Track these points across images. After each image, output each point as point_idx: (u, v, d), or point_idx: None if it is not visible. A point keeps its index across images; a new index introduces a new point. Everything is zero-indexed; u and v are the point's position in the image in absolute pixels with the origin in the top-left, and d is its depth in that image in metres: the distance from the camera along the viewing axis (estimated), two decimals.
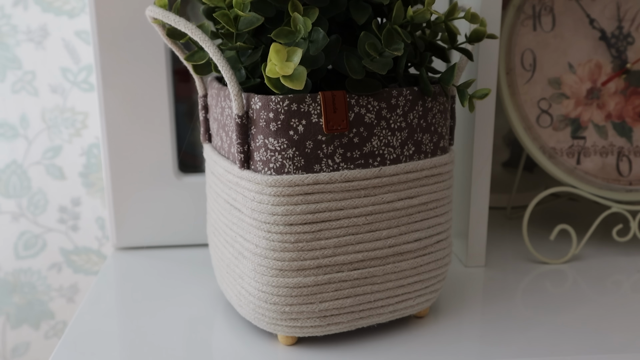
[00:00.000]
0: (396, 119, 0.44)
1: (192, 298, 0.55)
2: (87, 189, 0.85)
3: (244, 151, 0.44)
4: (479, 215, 0.60)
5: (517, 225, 0.73)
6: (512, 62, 0.65)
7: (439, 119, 0.47)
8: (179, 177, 0.65)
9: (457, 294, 0.56)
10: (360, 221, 0.44)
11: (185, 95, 0.69)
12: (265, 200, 0.43)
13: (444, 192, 0.48)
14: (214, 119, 0.50)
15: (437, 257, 0.49)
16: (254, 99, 0.42)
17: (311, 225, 0.43)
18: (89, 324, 0.51)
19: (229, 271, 0.48)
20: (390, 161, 0.45)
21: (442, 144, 0.48)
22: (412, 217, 0.46)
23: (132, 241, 0.66)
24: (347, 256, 0.45)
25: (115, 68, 0.61)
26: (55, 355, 0.47)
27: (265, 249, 0.44)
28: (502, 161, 0.83)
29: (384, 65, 0.42)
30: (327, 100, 0.42)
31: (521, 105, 0.65)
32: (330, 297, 0.45)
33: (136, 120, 0.62)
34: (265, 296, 0.45)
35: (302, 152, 0.42)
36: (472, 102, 0.46)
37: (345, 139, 0.43)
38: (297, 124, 0.42)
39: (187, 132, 0.68)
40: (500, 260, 0.63)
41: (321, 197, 0.43)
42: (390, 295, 0.47)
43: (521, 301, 0.55)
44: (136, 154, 0.63)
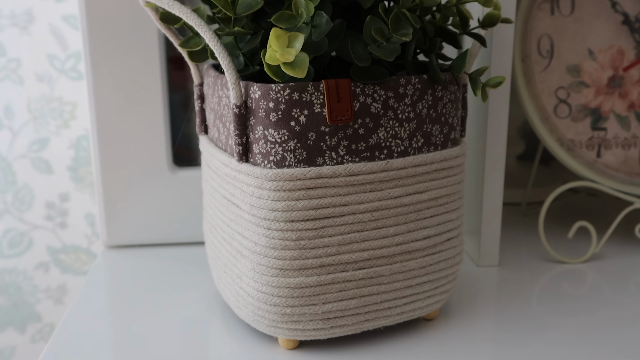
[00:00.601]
0: (404, 109, 0.44)
1: (188, 299, 0.55)
2: (75, 183, 0.85)
3: (242, 143, 0.44)
4: (492, 211, 0.60)
5: (532, 223, 0.73)
6: (528, 49, 0.64)
7: (450, 109, 0.47)
8: (173, 171, 0.65)
9: (469, 295, 0.56)
10: (366, 217, 0.44)
11: (180, 84, 0.69)
12: (265, 195, 0.43)
13: (454, 187, 0.48)
14: (210, 109, 0.50)
15: (447, 256, 0.49)
16: (253, 87, 0.42)
17: (314, 222, 0.43)
18: (77, 327, 0.51)
19: (227, 271, 0.49)
20: (398, 154, 0.45)
21: (453, 135, 0.48)
22: (421, 213, 0.46)
23: (123, 239, 0.66)
24: (352, 255, 0.45)
25: (105, 55, 0.61)
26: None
27: (265, 247, 0.44)
28: (516, 154, 0.83)
29: (391, 51, 0.42)
30: (331, 89, 0.42)
31: (537, 95, 0.65)
32: (333, 298, 0.45)
33: (128, 110, 0.62)
34: (265, 297, 0.45)
35: (304, 144, 0.42)
36: (485, 91, 0.46)
37: (350, 130, 0.43)
38: (299, 115, 0.42)
39: (182, 123, 0.68)
40: (515, 260, 0.63)
41: (324, 192, 0.43)
42: (397, 296, 0.47)
43: (537, 303, 0.55)
44: (128, 146, 0.63)
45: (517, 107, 0.74)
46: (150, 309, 0.54)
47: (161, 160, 0.64)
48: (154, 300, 0.56)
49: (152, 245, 0.67)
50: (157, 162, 0.64)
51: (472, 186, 0.62)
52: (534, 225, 0.71)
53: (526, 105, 0.65)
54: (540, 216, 0.63)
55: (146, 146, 0.63)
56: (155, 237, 0.66)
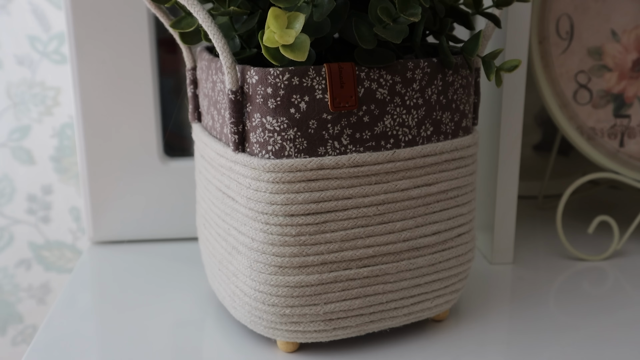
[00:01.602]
0: (412, 94, 0.45)
1: (180, 299, 0.56)
2: (59, 175, 0.85)
3: (238, 132, 0.44)
4: (506, 205, 0.60)
5: (550, 217, 0.73)
6: (545, 30, 0.64)
7: (461, 95, 0.47)
8: (164, 161, 0.65)
9: (481, 295, 0.56)
10: (371, 211, 0.45)
11: (171, 68, 0.69)
12: (263, 188, 0.43)
13: (466, 179, 0.48)
14: (204, 95, 0.50)
15: (458, 253, 0.49)
16: (250, 72, 0.42)
17: (315, 216, 0.44)
18: (62, 329, 0.52)
19: (222, 268, 0.49)
20: (405, 143, 0.45)
21: (465, 123, 0.48)
22: (430, 207, 0.47)
23: (111, 234, 0.66)
24: (356, 251, 0.45)
25: (91, 37, 0.61)
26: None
27: (263, 243, 0.44)
28: (533, 144, 0.83)
29: (399, 33, 0.42)
30: (334, 73, 0.42)
31: (556, 79, 0.65)
32: (336, 298, 0.45)
33: (115, 96, 0.62)
34: (263, 297, 0.45)
35: (305, 132, 0.43)
36: (499, 76, 0.46)
37: (354, 118, 0.43)
38: (299, 101, 0.42)
39: (174, 110, 0.68)
40: (531, 257, 0.64)
41: (326, 184, 0.43)
42: (404, 295, 0.47)
43: (554, 304, 0.55)
44: (116, 135, 0.63)
45: (534, 93, 0.74)
46: (139, 309, 0.54)
47: (151, 150, 0.64)
48: (143, 300, 0.56)
49: (141, 241, 0.67)
50: (147, 152, 0.64)
51: (485, 178, 0.62)
52: (552, 220, 0.72)
53: (543, 90, 0.65)
54: (558, 210, 0.63)
55: (135, 135, 0.63)
56: (145, 233, 0.66)
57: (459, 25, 0.53)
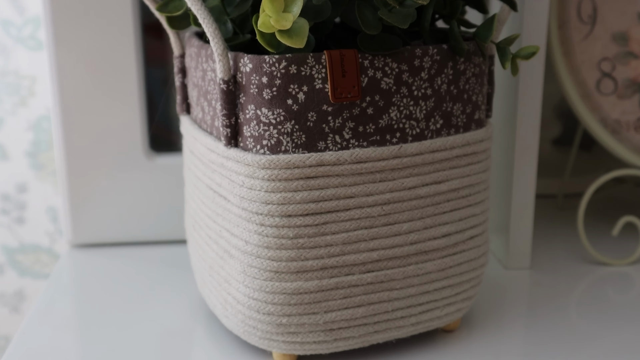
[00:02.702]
0: (420, 84, 0.45)
1: (167, 307, 0.56)
2: (35, 171, 0.85)
3: (230, 125, 0.44)
4: (522, 204, 0.60)
5: (570, 218, 0.73)
6: (566, 13, 0.64)
7: (474, 85, 0.47)
8: (150, 157, 0.65)
9: (496, 303, 0.56)
10: (375, 212, 0.45)
11: (158, 55, 0.69)
12: (258, 186, 0.43)
13: (479, 176, 0.48)
14: (193, 85, 0.50)
15: (470, 257, 0.49)
16: (243, 59, 0.43)
17: (314, 217, 0.44)
18: (37, 340, 0.52)
19: (213, 274, 0.49)
20: (413, 137, 0.45)
21: (478, 115, 0.48)
22: (439, 206, 0.47)
23: (91, 237, 0.66)
24: (359, 255, 0.45)
25: (69, 21, 0.61)
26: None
27: (258, 247, 0.44)
28: (552, 138, 0.83)
29: (406, 17, 0.42)
30: (335, 61, 0.42)
31: (577, 68, 0.65)
32: (337, 306, 0.45)
33: (97, 86, 0.62)
34: (258, 304, 0.45)
35: (303, 126, 0.43)
36: (515, 64, 0.46)
37: (357, 110, 0.43)
38: (297, 91, 0.42)
39: (160, 101, 0.68)
40: (550, 261, 0.64)
41: (327, 182, 0.43)
42: (412, 303, 0.47)
43: (576, 312, 0.55)
44: (97, 128, 0.63)
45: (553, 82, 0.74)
46: (123, 319, 0.54)
47: (136, 145, 0.64)
48: (127, 308, 0.56)
49: (125, 244, 0.67)
50: (132, 147, 0.64)
51: (499, 175, 0.62)
52: (572, 221, 0.72)
53: (563, 80, 0.65)
54: (580, 210, 0.63)
55: (118, 128, 0.63)
56: (129, 235, 0.66)
57: (471, 9, 0.54)
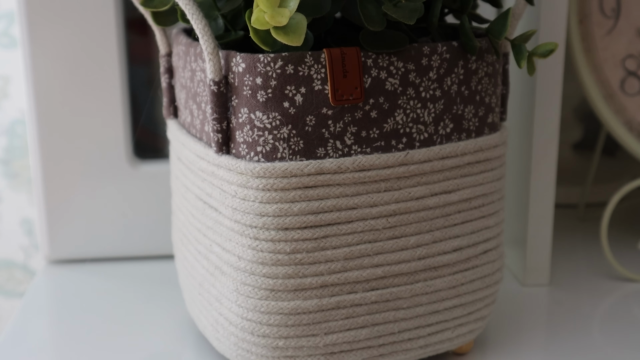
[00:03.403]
0: (428, 85, 0.45)
1: (153, 329, 0.56)
2: (8, 180, 0.85)
3: (222, 130, 0.44)
4: (541, 215, 0.60)
5: (593, 229, 0.73)
6: (587, 7, 0.64)
7: (487, 85, 0.47)
8: (134, 164, 0.65)
9: (512, 323, 0.56)
10: (380, 224, 0.45)
11: (143, 54, 0.69)
12: (252, 197, 0.43)
13: (493, 185, 0.48)
14: (181, 86, 0.50)
15: (483, 273, 0.49)
16: (236, 58, 0.43)
17: (313, 230, 0.44)
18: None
19: (203, 292, 0.49)
20: (420, 143, 0.45)
21: (491, 119, 0.48)
22: (449, 218, 0.47)
23: (70, 252, 0.66)
24: (362, 272, 0.45)
25: (46, 16, 0.61)
26: None
27: (252, 263, 0.44)
28: (572, 142, 0.83)
29: (412, 12, 0.42)
30: (335, 60, 0.42)
31: (599, 66, 0.65)
32: (339, 327, 0.45)
33: (76, 87, 0.62)
34: (252, 326, 0.45)
35: (301, 131, 0.43)
36: (532, 62, 0.46)
37: (360, 113, 0.43)
38: (294, 93, 0.42)
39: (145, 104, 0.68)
40: (570, 277, 0.64)
41: (327, 192, 0.43)
42: (420, 324, 0.47)
43: (599, 333, 0.55)
44: (76, 133, 0.63)
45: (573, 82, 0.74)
46: (104, 342, 0.54)
47: (119, 151, 0.64)
48: (109, 331, 0.56)
49: (106, 259, 0.67)
50: (114, 154, 0.64)
51: (515, 184, 0.62)
52: (595, 233, 0.72)
53: (585, 79, 0.65)
54: (603, 221, 0.63)
55: (99, 133, 0.63)
56: (111, 250, 0.66)
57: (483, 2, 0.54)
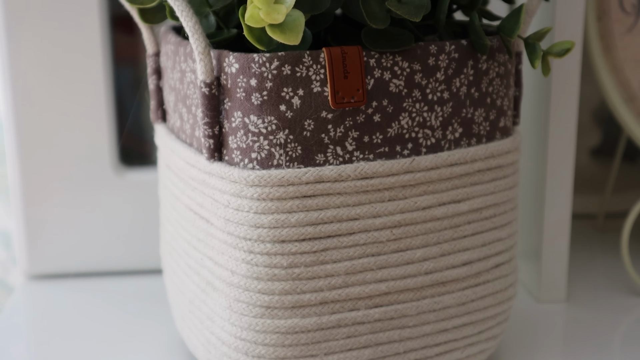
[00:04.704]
0: (436, 87, 0.45)
1: (140, 349, 0.56)
2: None
3: (213, 135, 0.44)
4: (557, 226, 0.60)
5: (613, 241, 0.73)
6: (606, 3, 0.65)
7: (498, 87, 0.47)
8: (119, 172, 0.65)
9: (526, 342, 0.56)
10: (384, 236, 0.45)
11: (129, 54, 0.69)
12: (246, 207, 0.43)
13: (505, 194, 0.48)
14: (170, 88, 0.50)
15: (495, 289, 0.49)
16: (229, 58, 0.43)
17: (312, 243, 0.44)
18: None
19: (193, 309, 0.49)
20: (427, 149, 0.45)
21: (503, 122, 0.48)
22: (458, 230, 0.47)
23: (50, 266, 0.66)
24: (365, 287, 0.45)
25: (25, 13, 0.61)
26: None
27: (246, 278, 0.44)
28: (590, 148, 0.83)
29: (418, 8, 0.42)
30: (335, 60, 0.42)
31: (619, 66, 0.65)
32: (340, 347, 0.45)
33: (57, 89, 0.62)
34: (246, 346, 0.45)
35: (299, 136, 0.43)
36: (547, 62, 0.46)
37: (362, 117, 0.43)
38: (292, 95, 0.42)
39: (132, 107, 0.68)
40: (589, 293, 0.64)
41: (327, 202, 0.43)
42: (427, 343, 0.47)
43: (620, 353, 0.55)
44: (57, 139, 0.63)
45: (592, 83, 0.74)
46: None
47: (103, 158, 0.64)
48: (92, 351, 0.56)
49: (90, 274, 0.67)
50: (98, 161, 0.64)
51: (529, 192, 0.62)
52: (615, 245, 0.72)
53: (604, 80, 0.65)
54: (624, 233, 0.63)
55: (83, 138, 0.63)
56: (95, 264, 0.66)
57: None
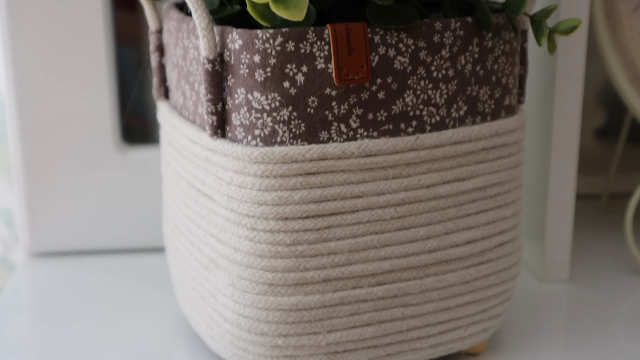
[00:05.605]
0: (440, 64, 0.45)
1: (142, 326, 0.56)
2: None
3: (216, 112, 0.44)
4: (560, 206, 0.60)
5: (616, 222, 0.73)
6: None
7: (504, 65, 0.47)
8: (121, 150, 0.65)
9: (528, 322, 0.56)
10: (388, 214, 0.45)
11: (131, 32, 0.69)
12: (249, 184, 0.43)
13: (510, 173, 0.48)
14: (172, 65, 0.50)
15: (499, 267, 0.49)
16: (232, 35, 0.42)
17: (315, 220, 0.44)
18: None
19: (196, 287, 0.49)
20: (432, 126, 0.45)
21: (508, 101, 0.48)
22: (462, 208, 0.47)
23: (53, 244, 0.66)
24: (368, 265, 0.45)
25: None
26: None
27: (249, 255, 0.44)
28: (595, 128, 0.83)
29: None
30: (340, 36, 0.42)
31: (625, 45, 0.65)
32: (342, 325, 0.45)
33: (59, 68, 0.62)
34: (249, 323, 0.45)
35: (303, 113, 0.43)
36: (553, 40, 0.46)
37: (366, 94, 0.43)
38: (295, 72, 0.42)
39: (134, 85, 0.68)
40: (592, 273, 0.64)
41: (330, 179, 0.43)
42: (430, 322, 0.47)
43: (622, 333, 0.55)
44: (59, 117, 0.63)
45: (596, 63, 0.74)
46: (89, 341, 0.54)
47: (105, 136, 0.64)
48: (94, 328, 0.56)
49: (92, 252, 0.67)
50: (100, 139, 0.64)
51: (533, 172, 0.62)
52: (619, 226, 0.72)
53: (609, 60, 0.65)
54: (628, 213, 0.63)
55: (85, 117, 0.63)
56: (97, 242, 0.66)
57: None
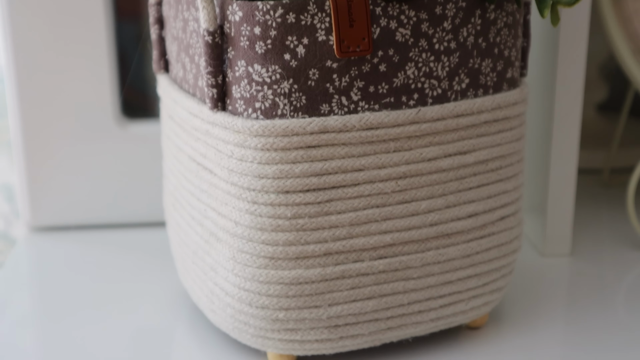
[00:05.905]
0: (442, 36, 0.44)
1: (143, 300, 0.56)
2: None
3: (217, 84, 0.44)
4: (562, 180, 0.60)
5: (618, 196, 0.73)
6: None
7: (506, 37, 0.47)
8: (121, 124, 0.65)
9: (530, 295, 0.56)
10: (389, 187, 0.45)
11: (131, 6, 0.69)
12: (250, 157, 0.43)
13: (512, 146, 0.48)
14: (172, 38, 0.50)
15: (500, 241, 0.49)
16: (232, 6, 0.42)
17: (316, 194, 0.44)
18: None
19: (197, 261, 0.49)
20: (433, 99, 0.45)
21: (510, 74, 0.48)
22: (464, 181, 0.47)
23: (53, 219, 0.66)
24: (369, 239, 0.45)
25: None
26: None
27: (250, 228, 0.44)
28: (597, 102, 0.83)
29: None
30: (341, 8, 0.42)
31: (629, 18, 0.64)
32: (344, 298, 0.45)
33: (58, 41, 0.62)
34: (250, 297, 0.45)
35: (304, 85, 0.43)
36: (556, 12, 0.46)
37: (367, 67, 0.43)
38: (296, 44, 0.42)
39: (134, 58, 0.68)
40: (594, 247, 0.64)
41: (331, 152, 0.43)
42: (431, 295, 0.47)
43: (623, 306, 0.56)
44: (59, 91, 0.63)
45: (600, 35, 0.73)
46: (91, 314, 0.54)
47: (105, 110, 0.64)
48: (96, 302, 0.56)
49: (92, 227, 0.67)
50: (100, 113, 0.64)
51: (535, 146, 0.62)
52: (620, 200, 0.72)
53: (612, 32, 0.64)
54: (629, 187, 0.63)
55: (84, 91, 0.63)
56: (97, 217, 0.66)
57: None
